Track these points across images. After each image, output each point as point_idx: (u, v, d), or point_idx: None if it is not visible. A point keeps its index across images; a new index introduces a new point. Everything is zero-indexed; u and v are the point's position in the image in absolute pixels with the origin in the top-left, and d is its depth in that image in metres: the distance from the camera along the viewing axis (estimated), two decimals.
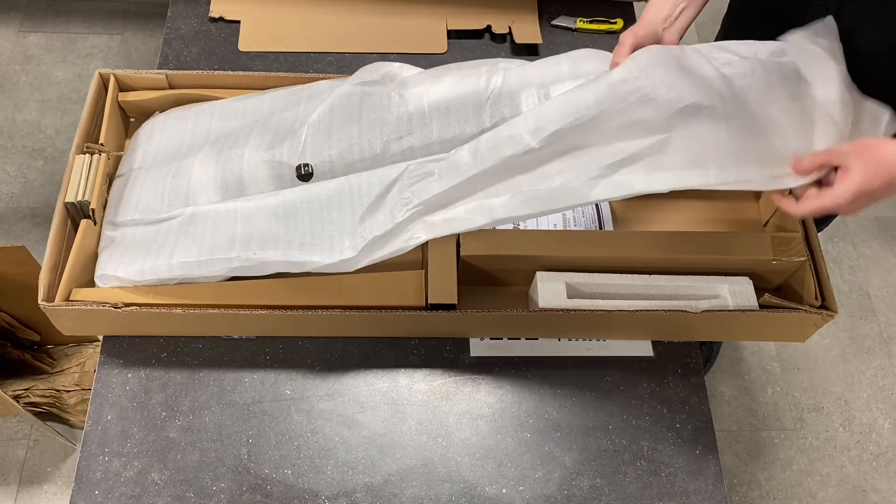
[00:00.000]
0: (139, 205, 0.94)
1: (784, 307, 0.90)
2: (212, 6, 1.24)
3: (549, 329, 0.96)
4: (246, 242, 0.87)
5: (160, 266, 0.88)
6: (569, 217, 1.02)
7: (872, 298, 1.85)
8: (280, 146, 0.93)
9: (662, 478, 0.91)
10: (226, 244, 0.88)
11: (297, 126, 0.95)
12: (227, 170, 0.93)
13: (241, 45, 1.20)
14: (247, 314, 0.88)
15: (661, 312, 0.89)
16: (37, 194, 1.82)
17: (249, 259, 0.86)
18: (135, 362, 0.94)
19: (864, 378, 1.74)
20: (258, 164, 0.93)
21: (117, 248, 0.92)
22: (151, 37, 2.09)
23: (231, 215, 0.90)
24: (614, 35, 1.28)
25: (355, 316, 0.89)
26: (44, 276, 0.86)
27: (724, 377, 1.71)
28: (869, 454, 1.64)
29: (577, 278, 0.92)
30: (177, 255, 0.88)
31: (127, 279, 0.89)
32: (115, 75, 1.03)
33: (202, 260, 0.87)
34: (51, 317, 0.88)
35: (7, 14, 2.09)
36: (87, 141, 0.97)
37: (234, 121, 1.00)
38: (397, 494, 0.88)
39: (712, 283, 0.93)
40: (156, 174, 0.97)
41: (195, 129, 1.01)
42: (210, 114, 1.02)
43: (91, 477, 0.87)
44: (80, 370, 1.48)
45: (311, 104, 0.97)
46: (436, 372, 0.96)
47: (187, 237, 0.89)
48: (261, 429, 0.91)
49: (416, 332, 0.97)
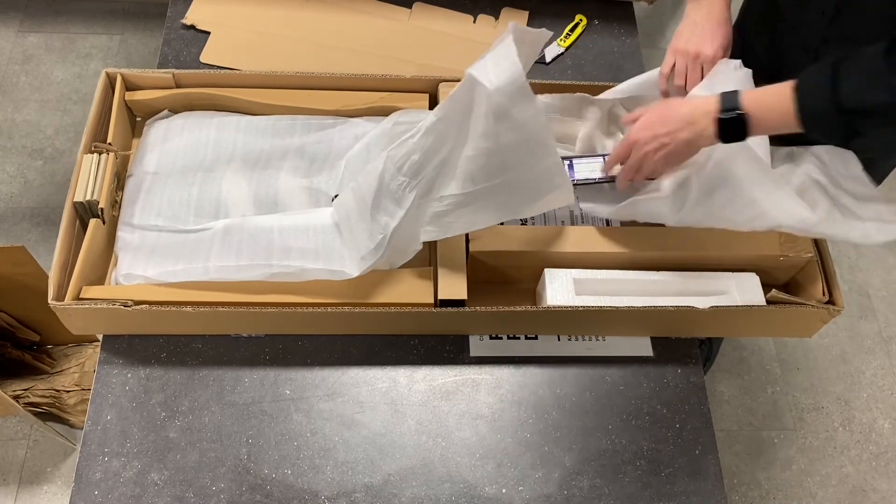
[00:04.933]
0: (162, 211, 0.96)
1: (791, 303, 0.90)
2: (188, 12, 1.24)
3: (557, 326, 0.97)
4: (285, 252, 0.91)
5: (195, 270, 0.90)
6: (576, 214, 1.02)
7: (872, 298, 1.85)
8: (318, 175, 1.01)
9: (662, 478, 0.91)
10: (264, 253, 0.91)
11: (332, 158, 1.01)
12: (260, 188, 0.98)
13: (202, 57, 1.20)
14: (257, 311, 0.88)
15: (669, 309, 0.89)
16: (36, 194, 1.82)
17: (290, 266, 0.89)
18: (135, 362, 0.94)
19: (864, 378, 1.74)
20: (295, 189, 0.98)
21: (142, 250, 0.93)
22: (151, 37, 2.09)
23: (267, 229, 0.93)
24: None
25: (364, 314, 0.89)
26: (53, 275, 0.86)
27: (724, 377, 1.71)
28: (869, 454, 1.64)
29: (585, 275, 0.93)
30: (213, 260, 0.90)
31: (156, 280, 0.90)
32: (122, 74, 1.03)
33: (242, 265, 0.90)
34: (61, 316, 0.88)
35: (7, 14, 2.09)
36: (94, 140, 0.97)
37: (264, 140, 1.03)
38: (397, 494, 0.88)
39: (720, 279, 0.94)
40: (179, 182, 0.98)
41: (219, 140, 1.03)
42: (236, 128, 1.04)
43: (91, 477, 0.87)
44: (80, 370, 1.48)
45: (345, 136, 1.03)
46: (435, 372, 0.96)
47: (223, 245, 0.92)
48: (261, 429, 0.91)
49: (424, 329, 0.97)
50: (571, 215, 1.03)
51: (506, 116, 0.75)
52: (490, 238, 0.92)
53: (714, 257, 0.94)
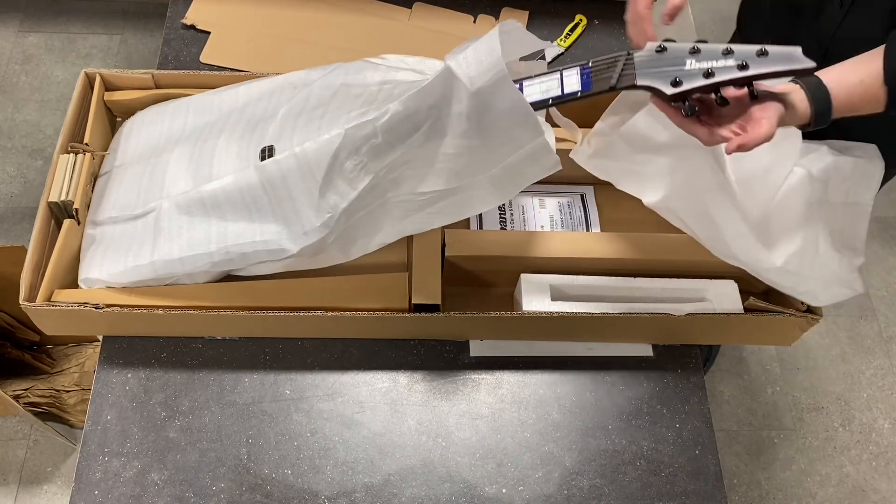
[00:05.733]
0: (117, 202, 0.94)
1: (769, 311, 0.90)
2: (189, 12, 1.24)
3: (534, 332, 0.96)
4: (223, 236, 0.87)
5: (143, 267, 0.88)
6: (556, 218, 1.02)
7: (872, 298, 1.85)
8: (251, 134, 0.91)
9: (662, 478, 0.91)
10: (203, 239, 0.88)
11: (268, 115, 0.93)
12: (200, 163, 0.92)
13: (202, 57, 1.20)
14: (228, 315, 0.88)
15: (645, 316, 0.89)
16: (36, 194, 1.82)
17: (230, 252, 0.86)
18: (135, 362, 0.94)
19: (864, 378, 1.74)
20: (228, 155, 0.91)
21: (98, 249, 0.92)
22: (151, 37, 2.09)
23: (201, 209, 0.88)
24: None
25: (337, 318, 0.88)
26: (25, 276, 0.85)
27: (724, 377, 1.71)
28: (869, 454, 1.64)
29: (562, 280, 0.92)
30: (157, 254, 0.88)
31: (112, 282, 0.89)
32: (101, 75, 1.02)
33: (184, 257, 0.87)
34: (32, 317, 0.88)
35: (7, 14, 2.09)
36: (71, 140, 0.96)
37: (210, 115, 0.99)
38: (397, 494, 0.88)
39: (698, 285, 0.93)
40: (133, 171, 0.96)
41: (172, 125, 1.00)
42: (186, 109, 1.02)
43: (91, 477, 0.87)
44: (80, 370, 1.48)
45: (286, 95, 0.95)
46: (435, 372, 0.96)
47: (164, 234, 0.89)
48: (260, 429, 0.91)
49: (400, 333, 0.97)
50: (551, 220, 1.02)
51: (487, 109, 0.72)
52: (467, 243, 0.91)
53: (693, 263, 0.92)
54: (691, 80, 0.67)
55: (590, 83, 0.73)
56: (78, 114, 0.99)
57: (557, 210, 1.02)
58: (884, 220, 1.98)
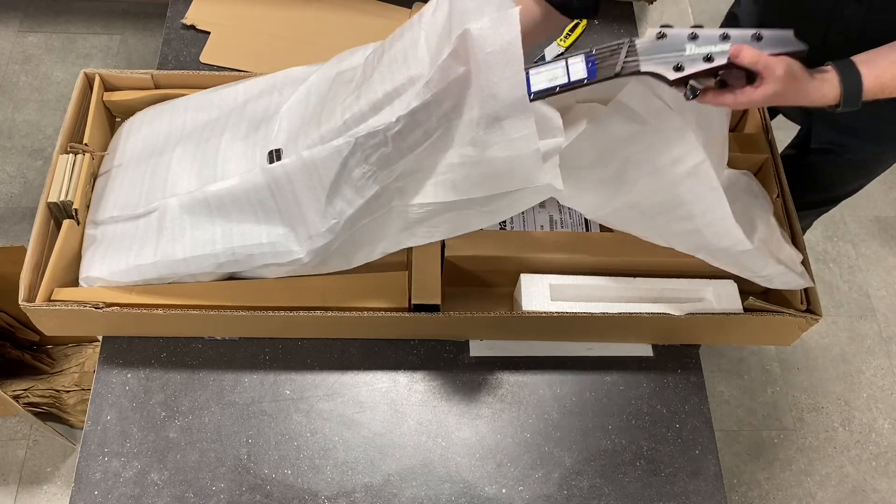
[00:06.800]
0: (118, 202, 0.94)
1: (768, 310, 0.90)
2: (188, 12, 1.24)
3: (534, 332, 0.96)
4: (228, 237, 0.87)
5: (146, 267, 0.88)
6: (556, 218, 1.02)
7: (872, 298, 1.85)
8: (255, 134, 0.92)
9: (662, 478, 0.91)
10: (208, 240, 0.87)
11: (270, 113, 0.93)
12: (204, 163, 0.92)
13: (202, 57, 1.20)
14: (229, 315, 0.88)
15: (644, 315, 0.89)
16: (37, 194, 1.82)
17: (236, 253, 0.86)
18: (135, 362, 0.94)
19: (864, 378, 1.74)
20: (233, 155, 0.91)
21: (99, 248, 0.91)
22: (151, 37, 2.09)
23: (206, 209, 0.88)
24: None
25: (337, 318, 0.88)
26: (25, 276, 0.85)
27: (724, 377, 1.71)
28: (869, 454, 1.64)
29: (562, 280, 0.92)
30: (160, 254, 0.88)
31: (112, 281, 0.89)
32: (101, 75, 1.03)
33: (188, 257, 0.87)
34: (32, 317, 0.88)
35: (7, 14, 2.09)
36: (71, 141, 0.96)
37: (209, 113, 0.99)
38: (397, 494, 0.88)
39: (697, 285, 0.93)
40: (134, 171, 0.96)
41: (171, 124, 1.00)
42: (184, 108, 1.02)
43: (91, 477, 0.87)
44: (80, 370, 1.48)
45: (286, 91, 0.96)
46: (435, 372, 0.96)
47: (167, 234, 0.89)
48: (260, 429, 0.91)
49: (400, 333, 0.97)
50: (551, 220, 1.02)
51: (496, 127, 0.71)
52: (466, 243, 0.91)
53: (693, 263, 0.92)
54: (692, 64, 0.69)
55: (595, 70, 0.73)
56: (77, 114, 0.99)
57: (557, 210, 1.02)
58: (884, 220, 1.97)
